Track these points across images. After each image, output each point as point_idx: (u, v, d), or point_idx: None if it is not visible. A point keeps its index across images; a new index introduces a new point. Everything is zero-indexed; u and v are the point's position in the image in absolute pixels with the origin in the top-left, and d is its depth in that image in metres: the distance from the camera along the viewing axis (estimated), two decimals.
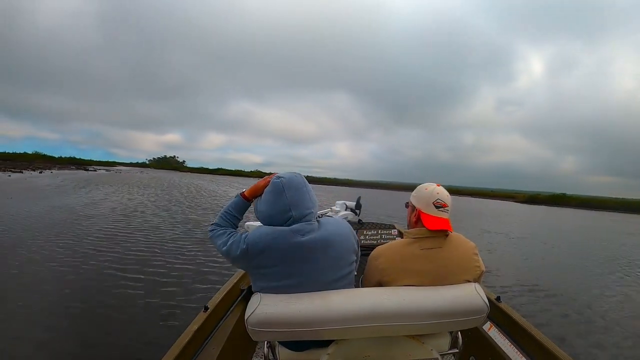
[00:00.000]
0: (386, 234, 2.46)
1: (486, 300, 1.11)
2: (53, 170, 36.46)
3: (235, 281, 1.92)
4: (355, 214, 2.72)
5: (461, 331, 1.30)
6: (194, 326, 1.39)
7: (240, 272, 2.08)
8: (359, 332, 1.08)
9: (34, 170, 32.88)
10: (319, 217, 1.21)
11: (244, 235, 1.13)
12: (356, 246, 1.24)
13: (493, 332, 1.60)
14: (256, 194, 1.25)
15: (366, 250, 1.50)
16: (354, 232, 1.25)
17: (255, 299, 1.06)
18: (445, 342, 1.27)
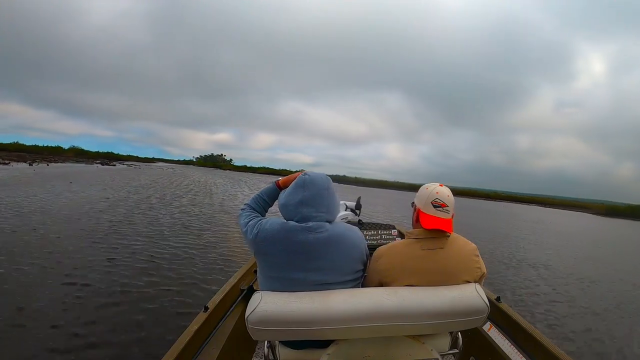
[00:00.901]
0: (386, 234, 2.46)
1: (486, 301, 1.11)
2: (49, 163, 33.04)
3: (235, 281, 1.92)
4: (356, 214, 2.72)
5: (461, 331, 1.30)
6: (194, 326, 1.39)
7: (240, 272, 2.08)
8: (359, 332, 1.08)
9: (24, 162, 29.94)
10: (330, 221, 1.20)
11: (259, 222, 1.19)
12: (365, 257, 1.23)
13: (493, 333, 1.60)
14: (287, 183, 1.32)
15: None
16: (365, 242, 1.24)
17: (256, 298, 1.06)
18: (445, 342, 1.27)
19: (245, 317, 1.03)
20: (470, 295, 1.11)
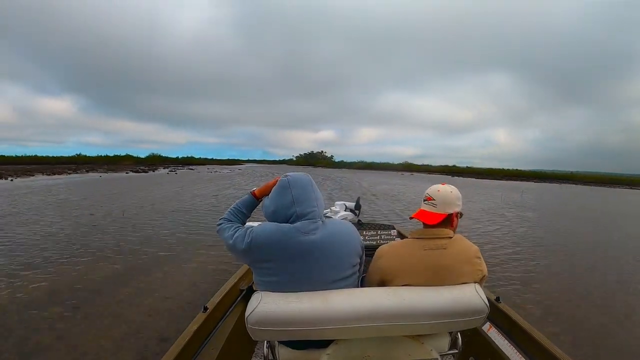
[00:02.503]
0: (386, 234, 2.46)
1: (486, 301, 1.11)
2: (79, 172, 27.86)
3: (234, 281, 1.92)
4: (355, 214, 2.72)
5: (461, 332, 1.30)
6: (193, 326, 1.39)
7: (239, 272, 2.08)
8: (359, 332, 1.08)
9: (76, 172, 27.07)
10: (323, 217, 1.21)
11: (249, 230, 1.15)
12: (360, 249, 1.24)
13: (492, 333, 1.60)
14: (265, 193, 1.30)
15: (366, 250, 1.51)
16: (359, 235, 1.26)
17: (255, 298, 1.06)
18: (445, 342, 1.27)
19: (245, 317, 1.03)
20: (470, 295, 1.11)
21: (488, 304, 1.11)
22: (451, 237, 1.21)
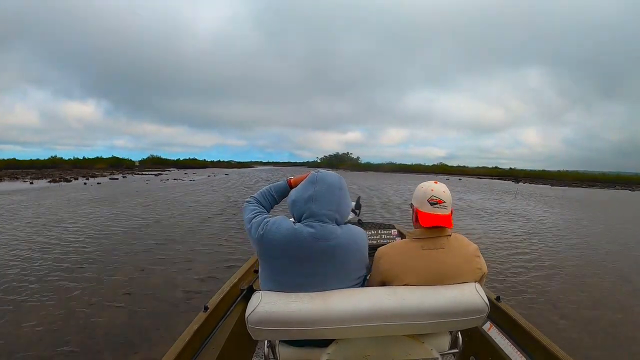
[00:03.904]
0: (386, 234, 2.45)
1: (486, 300, 1.11)
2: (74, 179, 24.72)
3: (235, 281, 1.92)
4: (355, 214, 2.71)
5: (461, 331, 1.30)
6: (193, 326, 1.39)
7: (240, 272, 2.08)
8: (359, 332, 1.08)
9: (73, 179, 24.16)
10: (337, 222, 1.18)
11: (265, 221, 1.14)
12: (368, 260, 1.23)
13: (493, 332, 1.60)
14: (298, 183, 1.28)
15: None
16: (367, 244, 1.23)
17: (256, 298, 1.06)
18: (445, 341, 1.27)
19: (246, 316, 1.03)
20: (470, 294, 1.11)
21: (488, 303, 1.11)
22: (450, 236, 1.21)
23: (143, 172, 38.92)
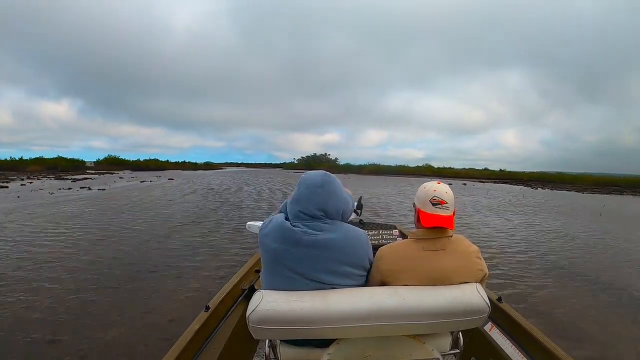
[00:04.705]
0: (387, 234, 2.45)
1: (487, 301, 1.11)
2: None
3: (236, 281, 1.92)
4: (357, 214, 2.71)
5: (462, 331, 1.30)
6: (195, 326, 1.40)
7: (241, 271, 2.09)
8: (360, 332, 1.09)
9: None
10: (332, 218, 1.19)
11: (269, 219, 1.23)
12: (368, 264, 1.23)
13: (494, 333, 1.60)
14: None
15: None
16: (368, 246, 1.23)
17: (257, 297, 1.07)
18: (446, 342, 1.27)
19: (247, 316, 1.03)
20: (471, 294, 1.11)
21: (489, 304, 1.11)
22: (451, 237, 1.21)
23: (66, 177, 26.46)
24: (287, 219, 1.19)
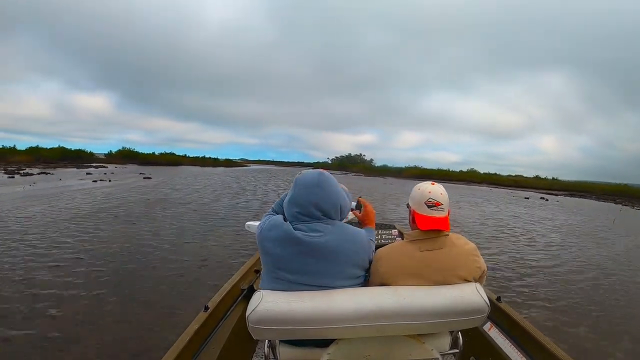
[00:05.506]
0: (386, 234, 2.45)
1: (487, 300, 1.11)
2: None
3: (235, 281, 1.92)
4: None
5: (462, 331, 1.30)
6: (194, 326, 1.39)
7: (240, 272, 2.09)
8: (360, 332, 1.09)
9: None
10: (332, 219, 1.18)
11: (267, 218, 1.22)
12: (367, 264, 1.23)
13: (494, 333, 1.60)
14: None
15: None
16: (369, 246, 1.23)
17: (256, 297, 1.06)
18: (445, 342, 1.27)
19: (246, 316, 1.03)
20: (471, 294, 1.11)
21: (489, 303, 1.11)
22: (447, 235, 1.20)
23: (46, 171, 22.37)
24: (284, 219, 1.19)
